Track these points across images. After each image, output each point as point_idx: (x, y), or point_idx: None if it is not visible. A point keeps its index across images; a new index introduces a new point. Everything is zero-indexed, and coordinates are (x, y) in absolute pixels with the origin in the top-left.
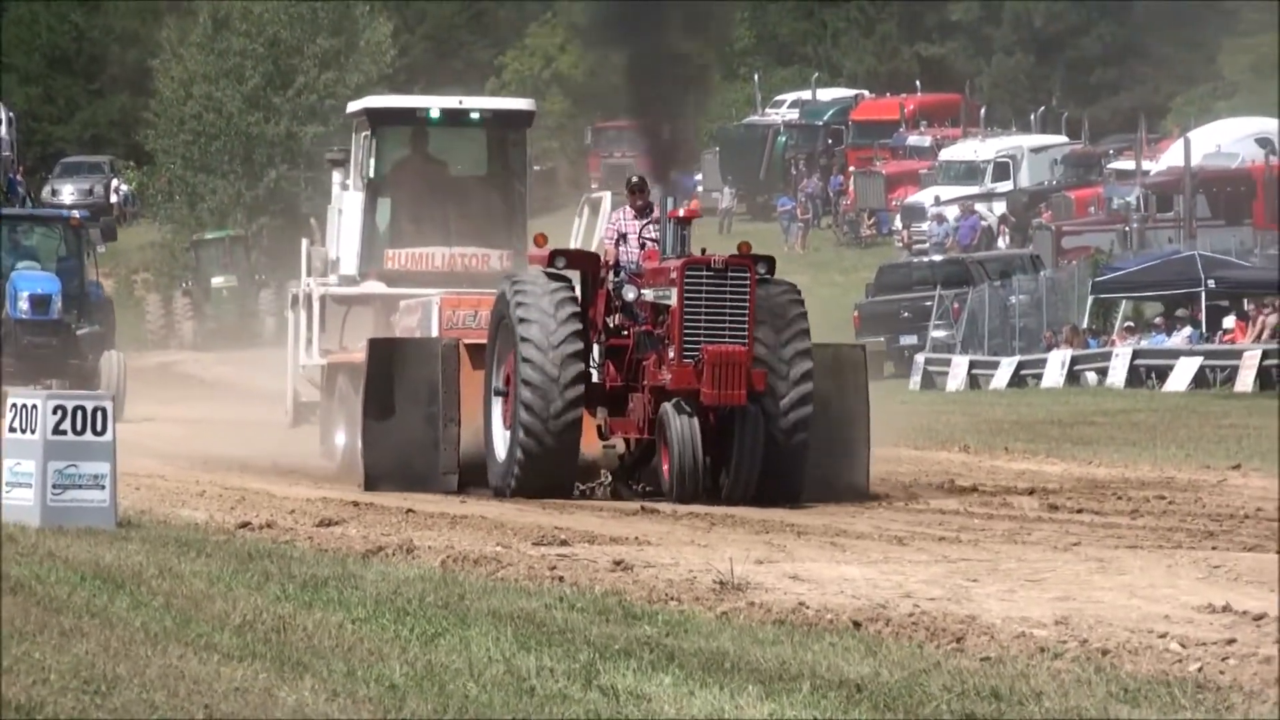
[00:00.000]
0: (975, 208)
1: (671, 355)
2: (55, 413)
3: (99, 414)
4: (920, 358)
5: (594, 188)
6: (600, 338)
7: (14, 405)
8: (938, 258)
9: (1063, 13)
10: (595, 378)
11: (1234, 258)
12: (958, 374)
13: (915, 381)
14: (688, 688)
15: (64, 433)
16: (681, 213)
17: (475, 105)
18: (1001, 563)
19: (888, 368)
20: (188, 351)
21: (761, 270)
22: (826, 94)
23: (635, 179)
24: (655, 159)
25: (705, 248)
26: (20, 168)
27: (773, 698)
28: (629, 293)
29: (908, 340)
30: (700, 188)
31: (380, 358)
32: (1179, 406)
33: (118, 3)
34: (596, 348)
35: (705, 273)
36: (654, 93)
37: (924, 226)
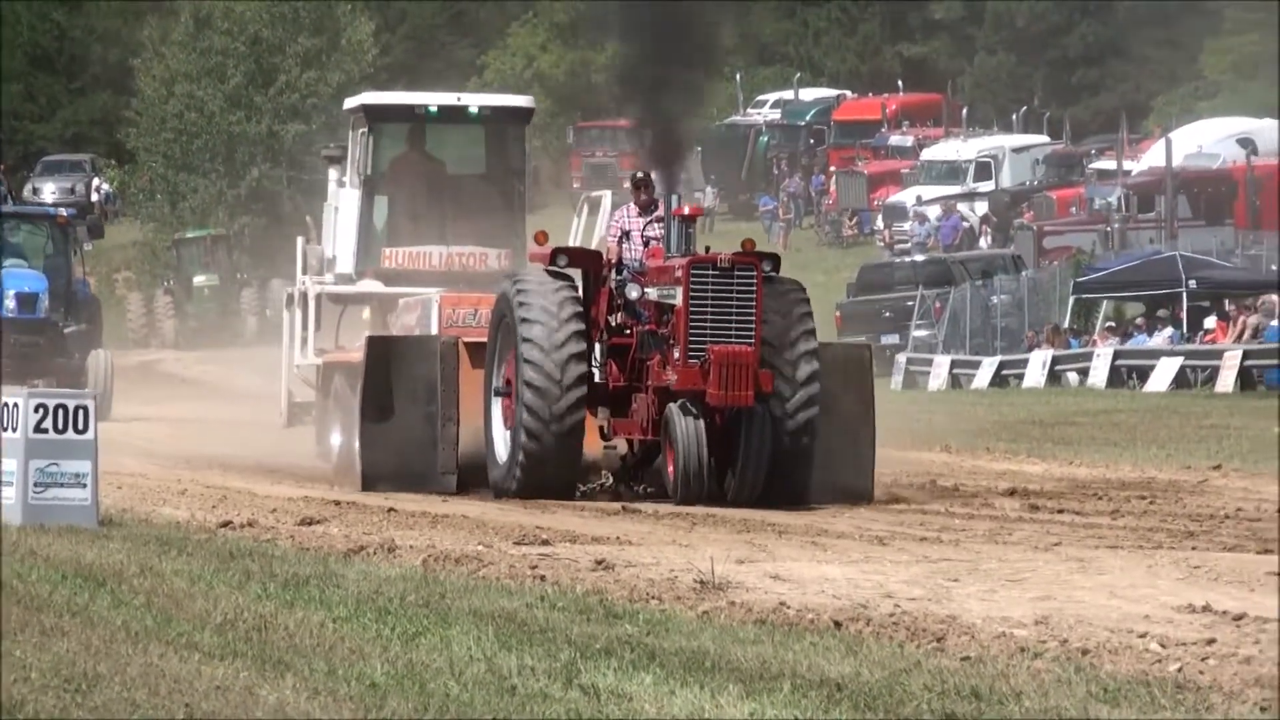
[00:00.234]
0: (957, 208)
1: (676, 355)
2: (37, 411)
3: (80, 412)
4: (902, 357)
5: (575, 187)
6: (602, 337)
7: None
8: (919, 257)
9: (1045, 12)
10: (597, 378)
11: (1215, 258)
12: (939, 374)
13: (897, 381)
14: (668, 687)
15: (45, 431)
16: (686, 210)
17: (474, 102)
18: (982, 563)
19: None
20: (169, 350)
21: (766, 268)
22: (808, 94)
23: (640, 174)
24: (659, 152)
25: (709, 245)
26: (2, 166)
27: (753, 697)
28: (632, 291)
29: (889, 340)
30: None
31: (378, 356)
32: (1160, 407)
33: (99, 2)
34: (598, 347)
35: (711, 271)
36: (661, 80)
37: (906, 226)
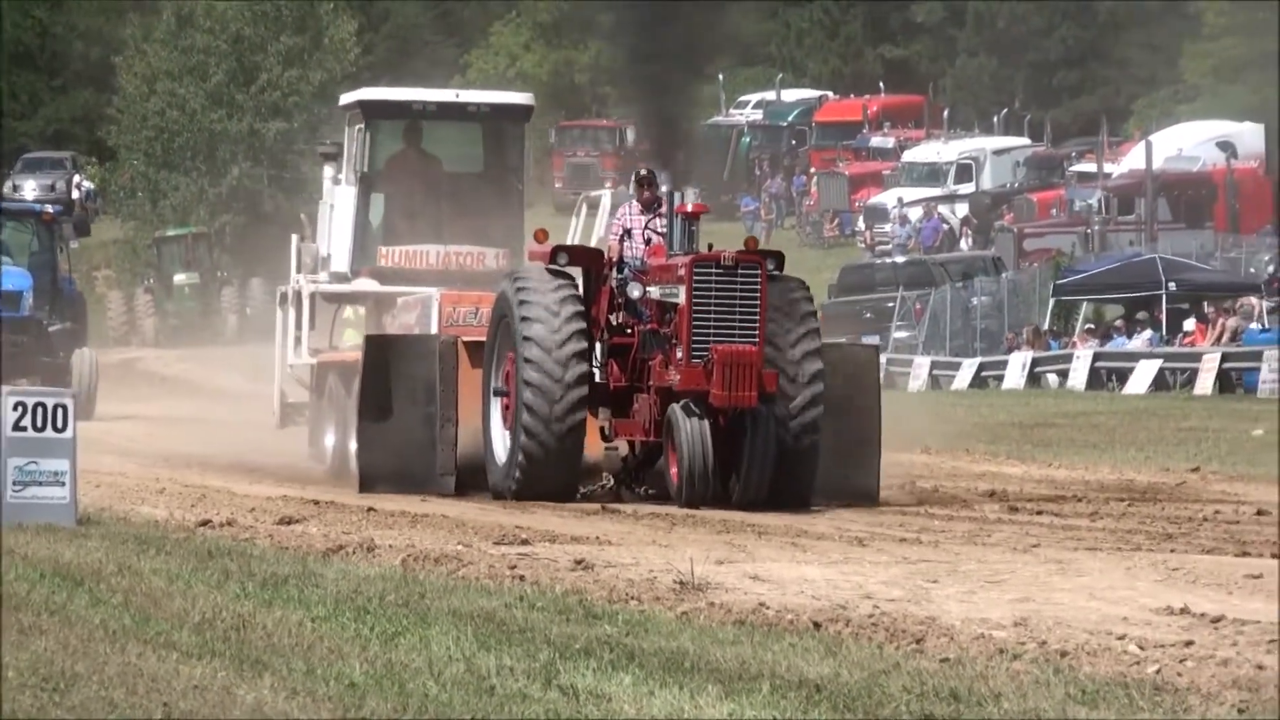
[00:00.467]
0: (938, 209)
1: (679, 355)
2: (15, 409)
3: (59, 411)
4: (882, 358)
5: (558, 186)
6: (603, 336)
7: None
8: (900, 259)
9: (1026, 15)
10: (598, 377)
11: (1195, 261)
12: (919, 375)
13: None
14: (647, 687)
15: (24, 429)
16: (690, 208)
17: (472, 98)
18: (961, 564)
19: None
20: (149, 349)
21: (770, 266)
22: (790, 95)
23: (644, 171)
24: (663, 147)
25: (712, 243)
26: None
27: (732, 698)
28: (634, 290)
29: (870, 341)
30: (665, 186)
31: (376, 355)
32: (1139, 409)
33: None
34: (599, 346)
35: (715, 270)
36: (667, 71)
37: (887, 228)
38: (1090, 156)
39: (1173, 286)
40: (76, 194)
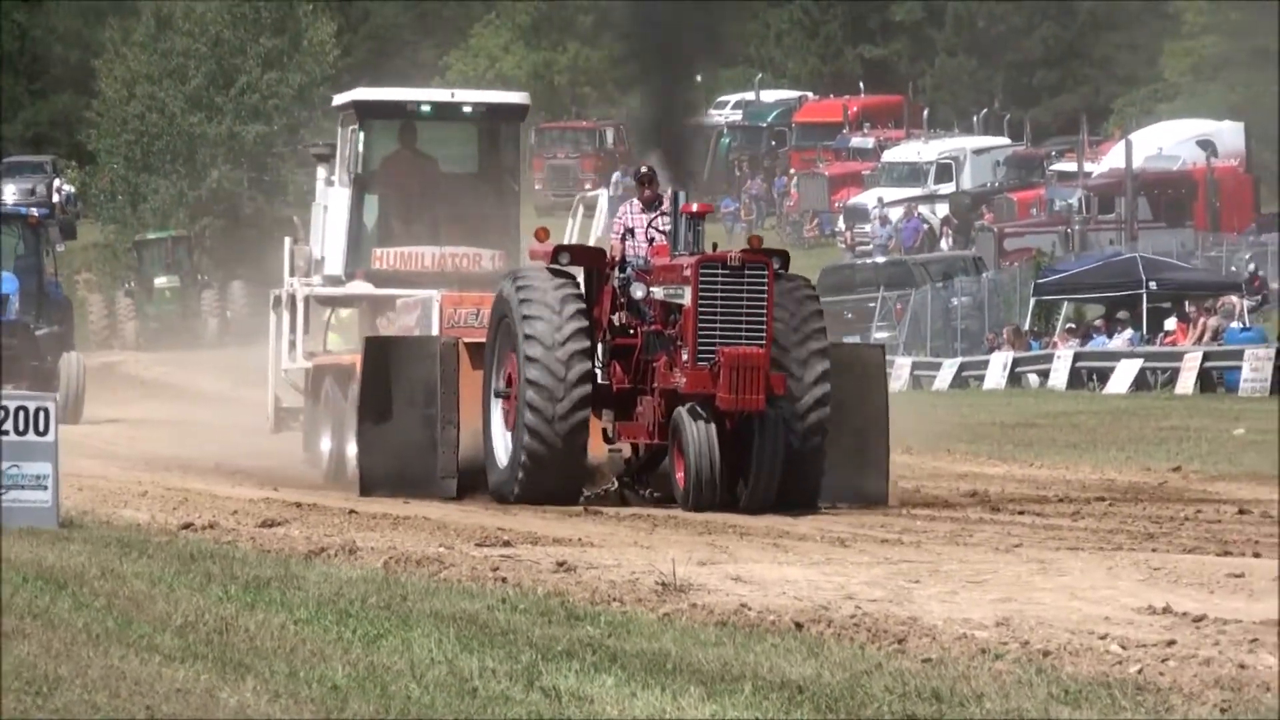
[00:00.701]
0: (918, 209)
1: (685, 357)
2: None
3: (41, 414)
4: None
5: (537, 188)
6: (605, 337)
7: None
8: (880, 259)
9: (1005, 14)
10: (600, 378)
11: (1175, 260)
12: (900, 375)
13: None
14: (630, 689)
15: (6, 433)
16: (695, 207)
17: (467, 98)
18: (943, 564)
19: None
20: (130, 352)
21: (775, 266)
22: (770, 95)
23: (645, 169)
24: (666, 145)
25: (716, 243)
26: None
27: (714, 699)
28: (637, 290)
29: (850, 341)
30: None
31: (376, 357)
32: (1120, 409)
33: (60, 2)
34: (601, 347)
35: (721, 271)
36: (671, 66)
37: (867, 228)
38: (1070, 156)
39: (1153, 286)
40: (57, 198)
